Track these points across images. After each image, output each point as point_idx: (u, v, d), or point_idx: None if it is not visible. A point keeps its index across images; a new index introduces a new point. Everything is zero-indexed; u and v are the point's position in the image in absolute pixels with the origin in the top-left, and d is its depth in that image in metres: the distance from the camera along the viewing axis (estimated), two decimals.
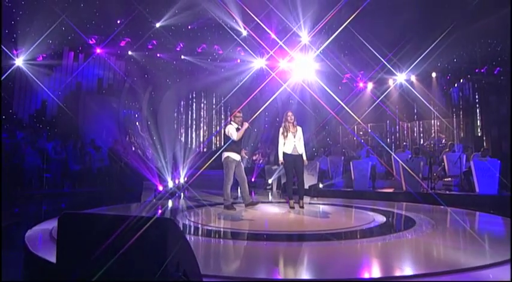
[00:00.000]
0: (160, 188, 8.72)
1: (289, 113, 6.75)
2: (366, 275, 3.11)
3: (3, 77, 11.99)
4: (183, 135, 16.14)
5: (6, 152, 9.43)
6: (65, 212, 2.28)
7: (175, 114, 15.79)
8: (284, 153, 6.59)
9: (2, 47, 12.17)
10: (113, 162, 9.99)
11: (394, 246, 4.15)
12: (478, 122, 12.66)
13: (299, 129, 6.65)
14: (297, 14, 13.55)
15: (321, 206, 7.50)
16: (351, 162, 9.97)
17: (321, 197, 8.96)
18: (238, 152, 6.47)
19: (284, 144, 6.59)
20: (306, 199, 8.45)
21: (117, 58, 13.93)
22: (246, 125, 6.43)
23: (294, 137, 6.59)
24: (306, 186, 9.10)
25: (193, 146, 16.09)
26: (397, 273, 3.10)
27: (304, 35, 14.06)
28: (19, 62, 12.55)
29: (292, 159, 6.57)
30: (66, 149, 10.18)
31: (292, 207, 6.62)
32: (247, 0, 13.10)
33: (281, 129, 6.74)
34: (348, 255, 3.73)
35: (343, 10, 13.05)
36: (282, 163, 6.75)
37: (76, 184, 10.02)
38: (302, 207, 6.65)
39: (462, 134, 12.92)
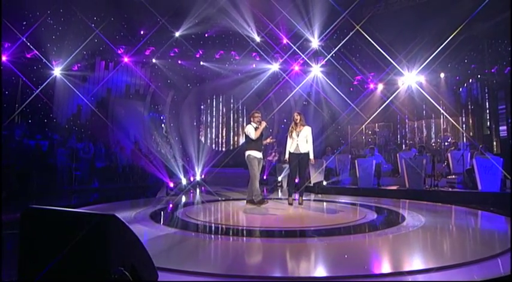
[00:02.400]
0: (172, 184, 8.82)
1: (296, 114, 6.67)
2: (326, 273, 2.99)
3: (43, 86, 12.61)
4: (203, 135, 16.29)
5: (42, 153, 9.86)
6: (29, 207, 2.32)
7: (195, 116, 15.97)
8: (289, 152, 6.52)
9: (43, 59, 12.84)
10: (135, 161, 10.21)
11: (371, 244, 3.99)
12: (487, 120, 11.98)
13: (305, 129, 6.51)
14: (309, 19, 13.40)
15: (319, 203, 7.34)
16: (355, 161, 9.69)
17: (325, 194, 8.77)
18: (259, 150, 6.40)
19: (291, 143, 6.52)
20: (310, 196, 8.34)
21: (143, 66, 14.26)
22: (263, 124, 6.35)
23: (298, 136, 6.48)
24: (311, 184, 8.99)
25: (212, 145, 16.23)
26: (358, 272, 2.95)
27: (317, 40, 13.88)
28: (57, 72, 13.08)
29: (295, 158, 6.48)
30: (94, 149, 10.50)
31: (290, 204, 6.53)
32: (261, 8, 13.11)
33: (289, 129, 6.68)
34: (315, 253, 3.60)
35: (353, 14, 12.77)
36: (285, 161, 6.71)
37: (102, 181, 10.30)
38: (301, 203, 6.56)
39: (471, 133, 12.27)
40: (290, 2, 12.90)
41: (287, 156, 6.58)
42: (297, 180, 6.91)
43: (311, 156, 6.50)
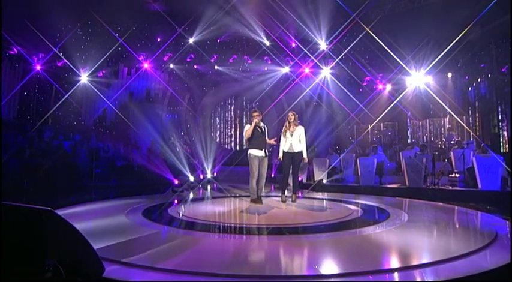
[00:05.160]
0: (176, 182, 8.92)
1: (290, 114, 6.56)
2: (296, 272, 2.91)
3: (70, 91, 13.17)
4: (217, 135, 16.42)
5: (66, 152, 10.28)
6: None
7: (210, 117, 16.12)
8: (282, 151, 6.44)
9: (72, 67, 13.40)
10: (151, 160, 10.43)
11: (343, 243, 3.85)
12: (495, 119, 11.28)
13: (299, 128, 6.41)
14: (319, 23, 13.20)
15: (312, 201, 7.17)
16: (357, 159, 9.44)
17: (324, 192, 8.59)
18: (260, 148, 6.16)
19: (284, 142, 6.44)
20: (308, 194, 8.20)
21: (161, 71, 14.55)
22: (254, 122, 6.06)
23: (292, 135, 6.39)
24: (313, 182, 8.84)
25: (226, 144, 16.31)
26: (313, 273, 2.85)
27: (327, 42, 13.65)
28: (84, 78, 13.59)
29: (289, 157, 6.40)
30: (114, 149, 10.83)
31: (283, 202, 6.45)
32: (272, 13, 13.04)
33: (283, 128, 6.59)
34: (283, 251, 3.51)
35: (361, 17, 12.45)
36: (279, 160, 6.62)
37: (121, 178, 10.57)
38: (294, 201, 6.46)
39: (477, 132, 11.61)
40: (299, 7, 12.77)
41: (281, 155, 6.50)
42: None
43: (304, 155, 6.38)
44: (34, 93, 14.19)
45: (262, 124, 6.33)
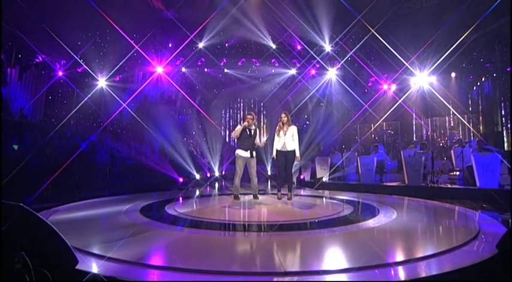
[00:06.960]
0: (181, 180, 9.02)
1: (282, 114, 6.54)
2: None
3: (89, 95, 13.54)
4: (227, 135, 16.48)
5: (83, 153, 10.58)
6: None
7: (221, 118, 16.23)
8: (276, 150, 6.43)
9: (92, 72, 13.78)
10: (160, 159, 10.60)
11: (325, 240, 3.80)
12: (499, 118, 10.83)
13: (292, 128, 6.38)
14: (324, 26, 13.07)
15: (308, 199, 7.10)
16: (358, 158, 9.29)
17: (324, 190, 8.50)
18: (246, 149, 6.19)
19: (278, 141, 6.42)
20: (309, 192, 8.14)
21: (174, 74, 14.76)
22: (244, 124, 6.16)
23: (285, 135, 6.36)
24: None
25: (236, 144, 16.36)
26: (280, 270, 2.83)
27: (332, 44, 13.49)
28: (102, 83, 13.95)
29: (283, 155, 6.37)
30: (127, 149, 11.06)
31: (279, 199, 6.44)
32: (278, 16, 13.00)
33: (276, 128, 6.57)
34: (258, 248, 3.50)
35: (365, 19, 12.23)
36: (273, 158, 6.60)
37: (134, 176, 10.79)
38: (290, 199, 6.42)
39: (482, 131, 11.17)
40: (305, 10, 12.68)
41: (274, 153, 6.47)
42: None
43: (297, 154, 6.34)
44: (58, 98, 14.72)
45: (253, 127, 6.34)
